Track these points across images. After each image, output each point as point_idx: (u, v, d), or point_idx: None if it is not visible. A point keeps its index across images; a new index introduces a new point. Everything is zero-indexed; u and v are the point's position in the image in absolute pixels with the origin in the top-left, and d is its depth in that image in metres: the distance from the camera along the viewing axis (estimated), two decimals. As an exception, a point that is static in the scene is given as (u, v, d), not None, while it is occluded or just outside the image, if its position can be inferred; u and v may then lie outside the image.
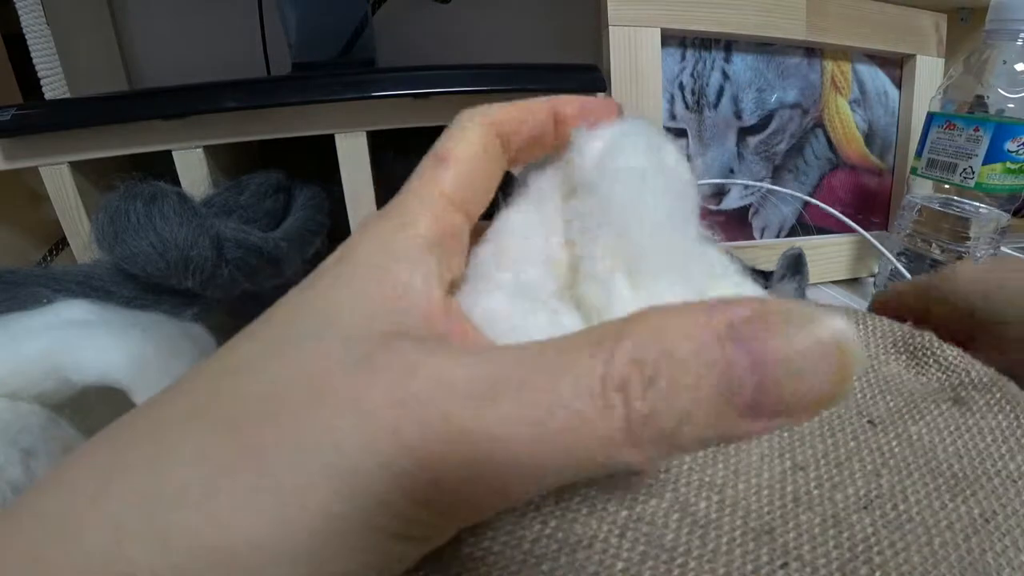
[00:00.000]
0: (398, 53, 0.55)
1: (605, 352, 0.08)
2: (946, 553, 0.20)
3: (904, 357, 0.30)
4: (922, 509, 0.21)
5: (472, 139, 0.14)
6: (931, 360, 0.29)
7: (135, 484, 0.09)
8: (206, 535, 0.09)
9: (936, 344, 0.29)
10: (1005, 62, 0.39)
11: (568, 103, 0.16)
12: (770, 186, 0.48)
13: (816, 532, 0.20)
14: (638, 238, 0.15)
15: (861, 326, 0.33)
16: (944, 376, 0.28)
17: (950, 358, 0.28)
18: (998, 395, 0.26)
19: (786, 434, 0.26)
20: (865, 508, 0.21)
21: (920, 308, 0.27)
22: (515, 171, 0.17)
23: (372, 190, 0.41)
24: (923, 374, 0.29)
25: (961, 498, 0.22)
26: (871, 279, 0.51)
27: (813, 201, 0.48)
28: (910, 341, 0.30)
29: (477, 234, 0.16)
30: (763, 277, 0.41)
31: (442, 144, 0.14)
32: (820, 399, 0.07)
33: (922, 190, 0.44)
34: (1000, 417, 0.25)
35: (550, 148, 0.17)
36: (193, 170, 0.39)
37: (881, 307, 0.29)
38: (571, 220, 0.16)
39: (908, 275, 0.43)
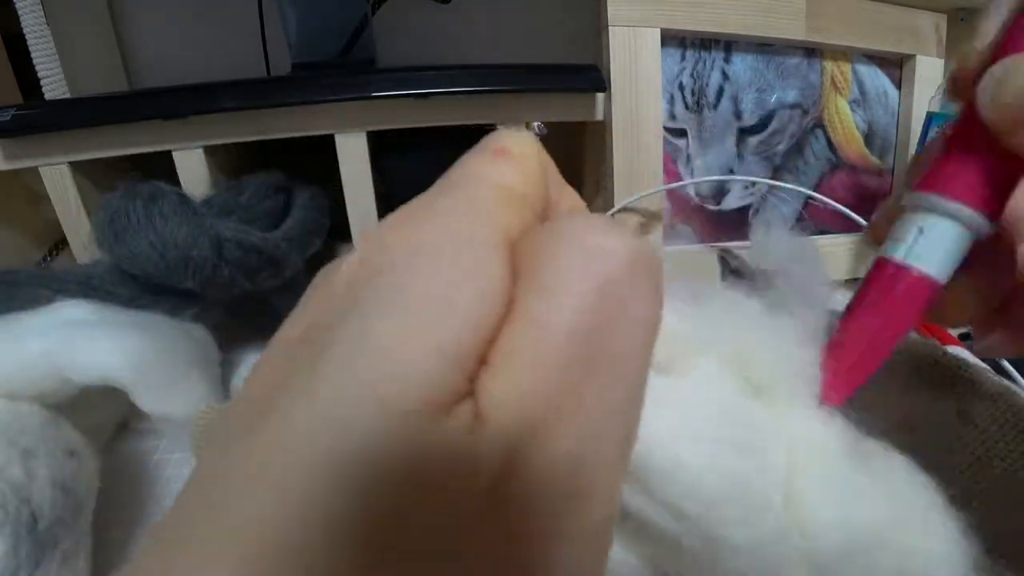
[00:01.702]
0: (398, 53, 0.55)
1: None
2: None
3: (907, 367, 0.29)
4: None
5: None
6: (936, 371, 0.28)
7: None
8: None
9: (940, 353, 0.28)
10: (1005, 62, 0.39)
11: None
12: (772, 182, 0.48)
13: None
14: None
15: None
16: (948, 387, 0.27)
17: (954, 368, 0.27)
18: (1003, 406, 0.25)
19: None
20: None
21: None
22: None
23: (372, 190, 0.41)
24: (926, 385, 0.28)
25: None
26: (871, 279, 0.51)
27: (818, 196, 0.48)
28: (914, 350, 0.29)
29: None
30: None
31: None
32: None
33: (922, 190, 0.44)
34: (1006, 429, 0.24)
35: None
36: (193, 170, 0.39)
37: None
38: None
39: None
